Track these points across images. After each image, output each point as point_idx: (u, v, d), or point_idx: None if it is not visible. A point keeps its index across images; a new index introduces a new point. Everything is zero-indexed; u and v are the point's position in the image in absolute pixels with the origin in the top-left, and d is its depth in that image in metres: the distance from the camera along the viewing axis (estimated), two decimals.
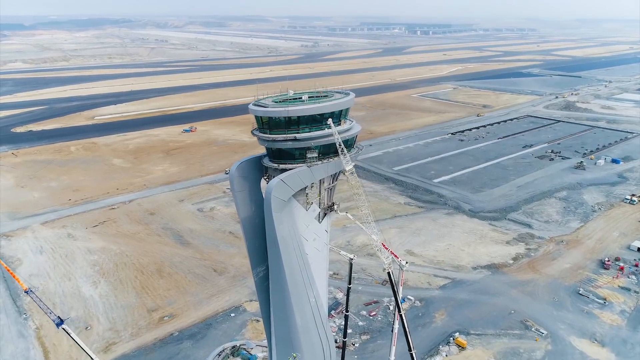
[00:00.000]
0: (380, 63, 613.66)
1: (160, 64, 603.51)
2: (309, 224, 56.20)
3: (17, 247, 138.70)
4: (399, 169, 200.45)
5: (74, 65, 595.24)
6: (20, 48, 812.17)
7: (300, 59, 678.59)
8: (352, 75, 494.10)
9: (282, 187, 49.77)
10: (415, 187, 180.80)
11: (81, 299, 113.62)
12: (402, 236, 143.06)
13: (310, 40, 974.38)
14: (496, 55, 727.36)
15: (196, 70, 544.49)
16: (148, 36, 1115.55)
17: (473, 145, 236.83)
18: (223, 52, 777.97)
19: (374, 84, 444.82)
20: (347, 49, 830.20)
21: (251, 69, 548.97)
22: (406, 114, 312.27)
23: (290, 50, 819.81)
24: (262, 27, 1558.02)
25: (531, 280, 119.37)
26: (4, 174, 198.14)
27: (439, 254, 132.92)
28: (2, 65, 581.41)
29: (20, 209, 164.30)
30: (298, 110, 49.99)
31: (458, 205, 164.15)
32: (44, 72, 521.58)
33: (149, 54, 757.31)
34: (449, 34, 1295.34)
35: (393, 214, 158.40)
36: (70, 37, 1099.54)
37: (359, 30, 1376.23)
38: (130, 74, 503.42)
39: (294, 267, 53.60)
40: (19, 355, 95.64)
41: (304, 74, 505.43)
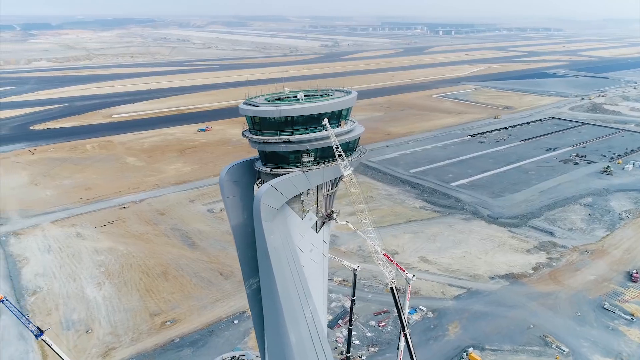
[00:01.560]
0: (401, 63, 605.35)
1: (180, 63, 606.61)
2: (305, 233, 51.69)
3: (26, 245, 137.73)
4: (415, 172, 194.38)
5: (97, 64, 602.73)
6: (46, 47, 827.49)
7: (320, 58, 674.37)
8: (372, 75, 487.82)
9: (273, 194, 45.38)
10: (431, 191, 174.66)
11: (84, 300, 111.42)
12: (417, 242, 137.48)
13: (330, 40, 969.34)
14: (520, 55, 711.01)
15: (215, 70, 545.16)
16: (170, 35, 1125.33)
17: (493, 148, 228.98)
18: (243, 51, 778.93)
19: (393, 84, 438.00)
20: (368, 49, 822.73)
21: (270, 68, 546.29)
22: (425, 115, 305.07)
23: (310, 49, 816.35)
24: (283, 27, 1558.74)
25: (552, 292, 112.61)
26: (19, 171, 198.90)
27: (455, 261, 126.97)
28: (28, 64, 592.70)
29: (32, 206, 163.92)
30: (292, 109, 45.54)
31: (476, 211, 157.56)
32: (66, 71, 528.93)
33: (170, 53, 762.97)
34: (472, 34, 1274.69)
35: (408, 219, 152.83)
36: (94, 36, 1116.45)
37: (380, 30, 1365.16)
38: (151, 73, 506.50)
39: (287, 280, 49.18)
40: (17, 358, 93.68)
41: (323, 73, 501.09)
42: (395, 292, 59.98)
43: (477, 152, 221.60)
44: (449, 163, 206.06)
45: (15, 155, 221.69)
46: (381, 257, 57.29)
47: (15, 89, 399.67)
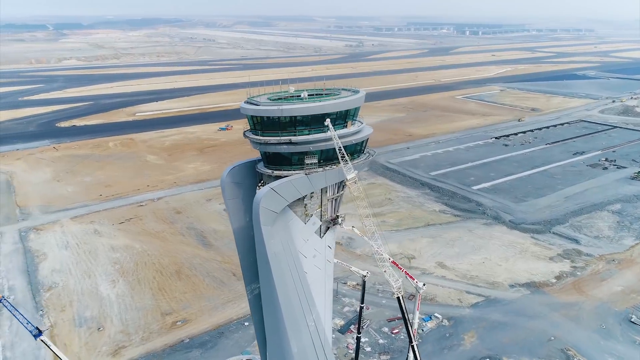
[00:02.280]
0: (426, 63, 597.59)
1: (205, 63, 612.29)
2: (308, 238, 49.62)
3: (45, 241, 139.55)
4: (436, 174, 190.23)
5: (124, 63, 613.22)
6: (76, 46, 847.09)
7: (344, 58, 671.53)
8: (395, 76, 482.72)
9: (273, 197, 43.46)
10: (452, 194, 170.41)
11: (98, 298, 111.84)
12: (435, 247, 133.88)
13: (355, 40, 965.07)
14: (549, 56, 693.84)
15: (239, 69, 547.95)
16: (196, 35, 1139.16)
17: (518, 151, 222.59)
18: (267, 51, 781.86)
19: (417, 84, 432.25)
20: (392, 49, 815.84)
21: (293, 68, 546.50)
22: (448, 116, 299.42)
23: (334, 49, 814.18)
24: (308, 27, 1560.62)
25: (576, 303, 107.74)
26: (43, 168, 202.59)
27: (473, 268, 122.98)
28: (58, 63, 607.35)
29: (53, 202, 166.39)
30: (294, 109, 43.53)
31: (498, 215, 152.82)
32: (94, 69, 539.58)
33: (195, 52, 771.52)
34: (500, 34, 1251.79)
35: (426, 222, 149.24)
36: (123, 36, 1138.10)
37: (406, 30, 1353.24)
38: (175, 72, 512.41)
39: (289, 287, 47.22)
40: (29, 353, 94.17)
41: (346, 73, 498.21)
42: (402, 302, 57.26)
43: (501, 155, 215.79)
44: (471, 166, 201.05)
45: (40, 151, 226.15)
46: (387, 264, 54.31)
47: (45, 87, 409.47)
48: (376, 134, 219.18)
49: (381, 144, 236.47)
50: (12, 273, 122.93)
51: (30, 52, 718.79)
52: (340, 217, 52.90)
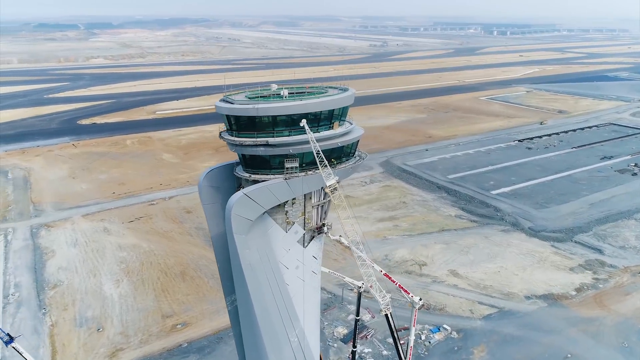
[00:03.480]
0: (450, 64, 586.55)
1: (229, 62, 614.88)
2: (290, 248, 46.01)
3: (55, 238, 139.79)
4: (453, 177, 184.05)
5: (149, 62, 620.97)
6: (105, 45, 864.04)
7: (367, 58, 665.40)
8: (418, 76, 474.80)
9: (246, 204, 40.04)
10: (469, 199, 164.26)
11: (101, 297, 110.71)
12: (448, 253, 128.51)
13: (379, 40, 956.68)
14: (580, 57, 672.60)
15: (261, 68, 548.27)
16: (222, 35, 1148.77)
17: (542, 155, 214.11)
18: (291, 50, 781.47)
19: (440, 85, 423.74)
20: (417, 49, 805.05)
21: (315, 67, 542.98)
22: (470, 118, 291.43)
23: (358, 49, 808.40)
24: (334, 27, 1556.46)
25: (596, 318, 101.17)
26: (60, 165, 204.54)
27: (488, 277, 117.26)
28: (85, 61, 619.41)
29: (66, 199, 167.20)
30: (270, 108, 40.02)
31: (516, 222, 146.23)
32: (120, 68, 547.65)
33: (220, 52, 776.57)
34: (529, 34, 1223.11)
35: (441, 228, 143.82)
36: (151, 35, 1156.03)
37: (432, 30, 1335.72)
38: (198, 71, 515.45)
39: (267, 300, 43.73)
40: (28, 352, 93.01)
41: (367, 73, 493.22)
42: (390, 320, 53.10)
43: (523, 159, 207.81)
44: (491, 169, 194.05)
45: (59, 148, 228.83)
46: (373, 279, 50.24)
47: (70, 85, 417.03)
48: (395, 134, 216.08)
49: (399, 145, 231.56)
50: (19, 270, 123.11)
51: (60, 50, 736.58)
52: (327, 225, 48.86)
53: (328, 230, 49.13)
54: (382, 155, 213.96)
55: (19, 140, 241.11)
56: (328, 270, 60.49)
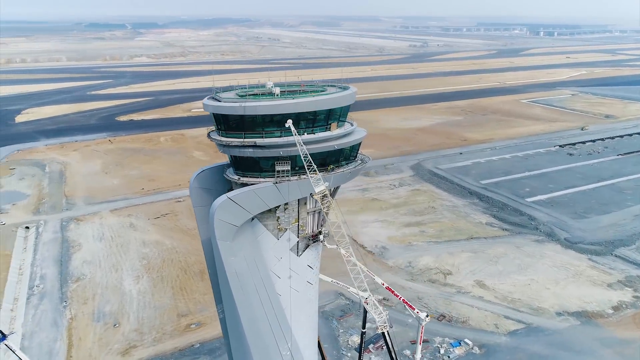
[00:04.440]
0: (492, 65, 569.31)
1: (266, 62, 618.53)
2: (282, 256, 43.14)
3: (82, 232, 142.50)
4: (487, 183, 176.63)
5: (189, 61, 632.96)
6: (149, 44, 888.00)
7: (406, 58, 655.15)
8: (457, 77, 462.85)
9: (231, 209, 37.51)
10: (502, 206, 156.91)
11: (120, 293, 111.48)
12: (475, 263, 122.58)
13: (419, 41, 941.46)
14: (632, 59, 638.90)
15: (298, 68, 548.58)
16: (262, 35, 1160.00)
17: (584, 161, 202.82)
18: (329, 50, 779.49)
19: (479, 86, 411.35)
20: (458, 50, 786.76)
21: (352, 67, 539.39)
22: (509, 121, 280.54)
23: (397, 50, 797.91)
24: (374, 27, 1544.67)
25: (634, 340, 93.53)
26: (95, 159, 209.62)
27: (517, 290, 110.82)
28: (129, 59, 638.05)
29: (97, 194, 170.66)
30: (259, 107, 37.32)
31: (552, 232, 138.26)
32: (161, 66, 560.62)
33: (259, 51, 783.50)
34: (578, 35, 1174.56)
35: (470, 235, 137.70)
36: (194, 35, 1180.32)
37: (475, 31, 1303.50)
38: (236, 70, 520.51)
39: (255, 310, 41.11)
40: (45, 345, 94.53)
41: (404, 74, 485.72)
42: (388, 339, 49.38)
43: (564, 165, 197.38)
44: (528, 175, 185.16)
45: (96, 143, 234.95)
46: (368, 294, 46.67)
47: (112, 82, 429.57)
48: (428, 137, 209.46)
49: (432, 148, 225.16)
50: (46, 262, 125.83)
51: (107, 49, 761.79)
52: (324, 233, 45.62)
53: (325, 238, 45.81)
54: (413, 158, 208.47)
55: (59, 135, 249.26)
56: (331, 280, 57.23)
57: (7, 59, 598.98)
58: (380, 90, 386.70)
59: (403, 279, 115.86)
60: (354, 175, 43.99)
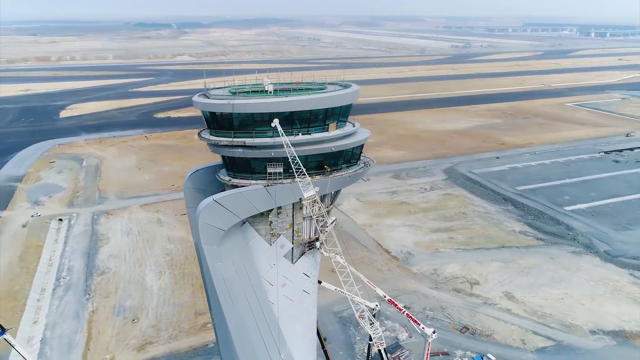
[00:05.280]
0: (537, 67, 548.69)
1: (305, 61, 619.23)
2: (275, 263, 40.88)
3: (112, 226, 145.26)
4: (523, 189, 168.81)
5: (230, 60, 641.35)
6: (192, 43, 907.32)
7: (447, 59, 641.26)
8: (499, 79, 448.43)
9: (217, 212, 35.60)
10: (538, 214, 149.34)
11: (142, 288, 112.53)
12: (505, 273, 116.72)
13: (462, 41, 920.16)
14: None
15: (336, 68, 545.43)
16: (303, 35, 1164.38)
17: (631, 169, 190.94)
18: (368, 51, 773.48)
19: (522, 88, 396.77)
20: (502, 51, 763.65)
21: (391, 68, 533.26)
22: (551, 125, 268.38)
23: (438, 50, 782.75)
24: (416, 27, 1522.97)
25: None
26: (130, 155, 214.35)
27: (548, 304, 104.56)
28: (172, 58, 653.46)
29: (129, 189, 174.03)
30: (249, 104, 35.19)
31: (590, 244, 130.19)
32: (201, 65, 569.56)
33: (298, 51, 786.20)
34: (632, 36, 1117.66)
35: (501, 244, 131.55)
36: (236, 34, 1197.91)
37: (521, 32, 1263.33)
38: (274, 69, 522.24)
39: (245, 319, 39.12)
40: (65, 337, 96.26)
41: (444, 75, 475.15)
42: (384, 357, 46.09)
43: (608, 173, 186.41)
44: (568, 183, 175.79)
45: (132, 139, 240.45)
46: (363, 307, 43.62)
47: (154, 80, 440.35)
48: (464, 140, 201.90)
49: (468, 151, 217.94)
50: (75, 254, 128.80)
51: (151, 48, 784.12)
52: (321, 240, 42.91)
53: (321, 245, 43.09)
54: (447, 161, 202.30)
55: (99, 130, 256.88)
56: (335, 288, 54.50)
57: (58, 56, 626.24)
58: (417, 91, 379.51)
59: (427, 287, 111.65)
60: (356, 179, 41.27)
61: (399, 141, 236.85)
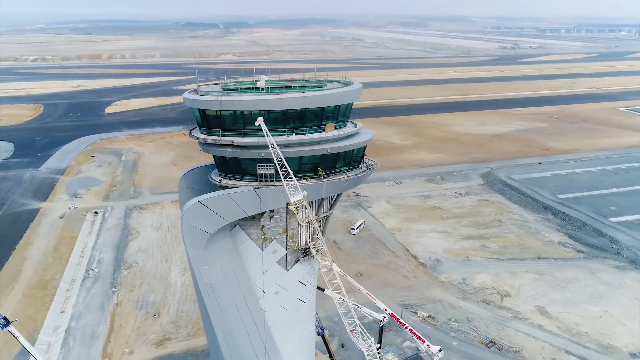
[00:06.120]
0: (589, 69, 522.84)
1: (346, 61, 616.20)
2: (267, 269, 38.81)
3: (143, 220, 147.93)
4: (565, 198, 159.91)
5: (272, 59, 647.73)
6: (237, 43, 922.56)
7: (493, 60, 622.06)
8: (547, 82, 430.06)
9: (202, 214, 33.94)
10: (580, 224, 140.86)
11: (166, 283, 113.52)
12: (539, 286, 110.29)
13: (510, 42, 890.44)
14: None
15: (378, 68, 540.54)
16: (346, 35, 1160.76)
17: None
18: (411, 51, 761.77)
19: (571, 92, 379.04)
20: (552, 52, 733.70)
21: (433, 69, 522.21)
22: (601, 131, 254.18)
23: (484, 51, 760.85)
24: (463, 28, 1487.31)
25: None
26: (167, 151, 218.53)
27: (585, 322, 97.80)
28: (216, 57, 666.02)
29: (163, 184, 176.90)
30: (237, 102, 33.23)
31: (636, 258, 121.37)
32: (244, 64, 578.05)
33: (341, 51, 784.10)
34: None
35: (537, 255, 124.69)
36: (280, 34, 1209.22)
37: (574, 32, 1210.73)
38: (314, 69, 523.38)
39: (233, 326, 37.36)
40: (88, 328, 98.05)
41: (490, 76, 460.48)
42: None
43: None
44: (615, 192, 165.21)
45: (170, 136, 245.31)
46: (356, 322, 40.74)
47: (195, 79, 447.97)
48: (505, 144, 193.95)
49: (508, 156, 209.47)
50: (106, 247, 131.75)
51: (197, 47, 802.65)
52: (317, 247, 40.36)
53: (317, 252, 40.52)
54: (485, 166, 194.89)
55: (140, 126, 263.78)
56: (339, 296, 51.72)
57: (109, 54, 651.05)
58: (459, 93, 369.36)
59: (454, 297, 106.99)
60: (356, 183, 38.68)
61: (436, 144, 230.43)
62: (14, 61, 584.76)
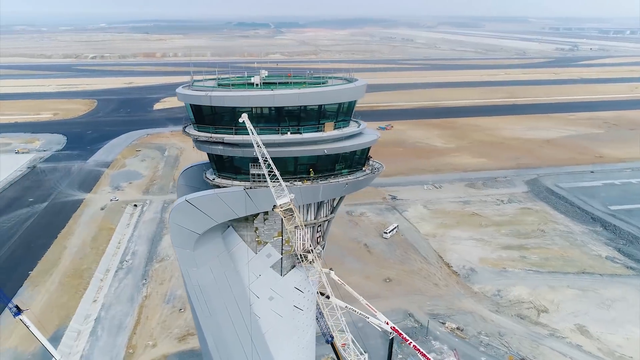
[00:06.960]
0: None
1: (393, 62, 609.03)
2: (261, 273, 37.06)
3: None
4: (617, 209, 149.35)
5: (319, 59, 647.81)
6: (286, 43, 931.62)
7: (548, 63, 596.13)
8: (606, 85, 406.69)
9: (190, 213, 32.66)
10: (632, 238, 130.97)
11: None
12: (581, 303, 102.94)
13: (569, 44, 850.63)
14: None
15: (426, 69, 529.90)
16: (396, 35, 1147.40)
17: None
18: (462, 52, 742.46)
19: (633, 96, 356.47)
20: (614, 55, 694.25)
21: (483, 70, 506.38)
22: None
23: (540, 53, 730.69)
24: (520, 28, 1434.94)
25: None
26: None
27: (630, 345, 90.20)
28: (264, 56, 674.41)
29: None
30: (227, 97, 31.67)
31: None
32: (290, 64, 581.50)
33: (389, 51, 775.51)
34: None
35: (581, 269, 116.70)
36: (330, 34, 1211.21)
37: None
38: (361, 69, 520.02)
39: (223, 331, 35.98)
40: (116, 319, 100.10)
41: (544, 79, 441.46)
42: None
43: None
44: None
45: None
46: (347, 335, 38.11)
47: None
48: (555, 150, 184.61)
49: (557, 163, 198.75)
50: (141, 239, 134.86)
51: (247, 46, 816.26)
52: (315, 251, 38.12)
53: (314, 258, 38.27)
54: (531, 172, 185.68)
55: None
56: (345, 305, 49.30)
57: (163, 53, 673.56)
58: (510, 96, 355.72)
59: (486, 309, 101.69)
60: (357, 187, 36.23)
61: (480, 148, 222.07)
62: (75, 58, 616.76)
